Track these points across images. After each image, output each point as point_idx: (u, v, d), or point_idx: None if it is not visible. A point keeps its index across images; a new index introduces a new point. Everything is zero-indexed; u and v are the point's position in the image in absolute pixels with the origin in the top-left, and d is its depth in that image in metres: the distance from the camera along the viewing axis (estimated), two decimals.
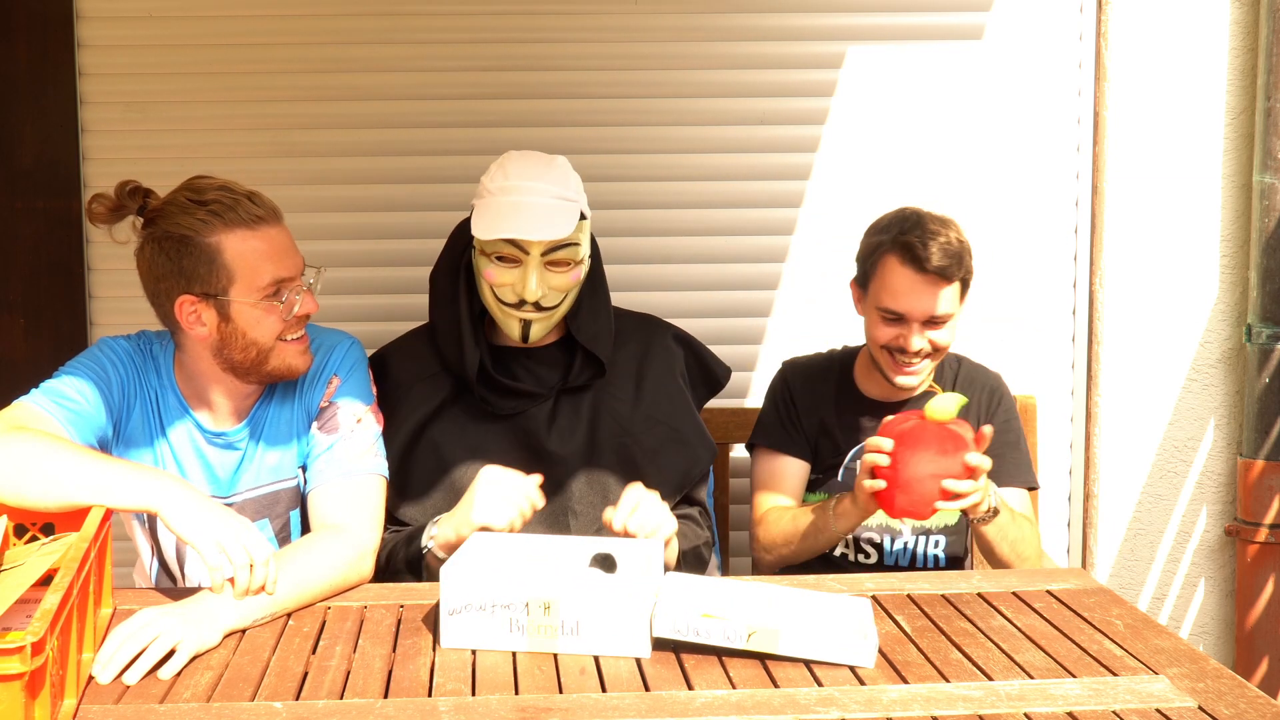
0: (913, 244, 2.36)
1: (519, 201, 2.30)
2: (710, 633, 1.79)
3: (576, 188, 2.37)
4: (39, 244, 3.07)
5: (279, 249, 2.15)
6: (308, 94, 3.09)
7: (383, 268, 3.14)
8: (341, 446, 2.21)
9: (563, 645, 1.82)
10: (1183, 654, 1.83)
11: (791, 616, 1.85)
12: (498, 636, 1.82)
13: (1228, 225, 3.23)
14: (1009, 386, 2.60)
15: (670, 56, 3.15)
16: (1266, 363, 3.14)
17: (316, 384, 2.26)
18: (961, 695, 1.69)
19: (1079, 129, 3.22)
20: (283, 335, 2.17)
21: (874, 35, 3.18)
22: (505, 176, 2.34)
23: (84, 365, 2.18)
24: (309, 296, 2.19)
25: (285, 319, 2.16)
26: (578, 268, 2.35)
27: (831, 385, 2.57)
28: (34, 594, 1.73)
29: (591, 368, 2.42)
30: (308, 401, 2.26)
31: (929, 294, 2.36)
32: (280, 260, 2.15)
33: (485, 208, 2.33)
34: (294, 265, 2.17)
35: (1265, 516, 3.16)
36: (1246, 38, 3.17)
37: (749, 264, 3.21)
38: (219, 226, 2.10)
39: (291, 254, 2.17)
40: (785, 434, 2.55)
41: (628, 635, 1.81)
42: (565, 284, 2.33)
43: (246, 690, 1.71)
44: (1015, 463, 2.50)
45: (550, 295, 2.33)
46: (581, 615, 1.81)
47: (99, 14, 3.05)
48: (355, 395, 2.26)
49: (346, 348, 2.31)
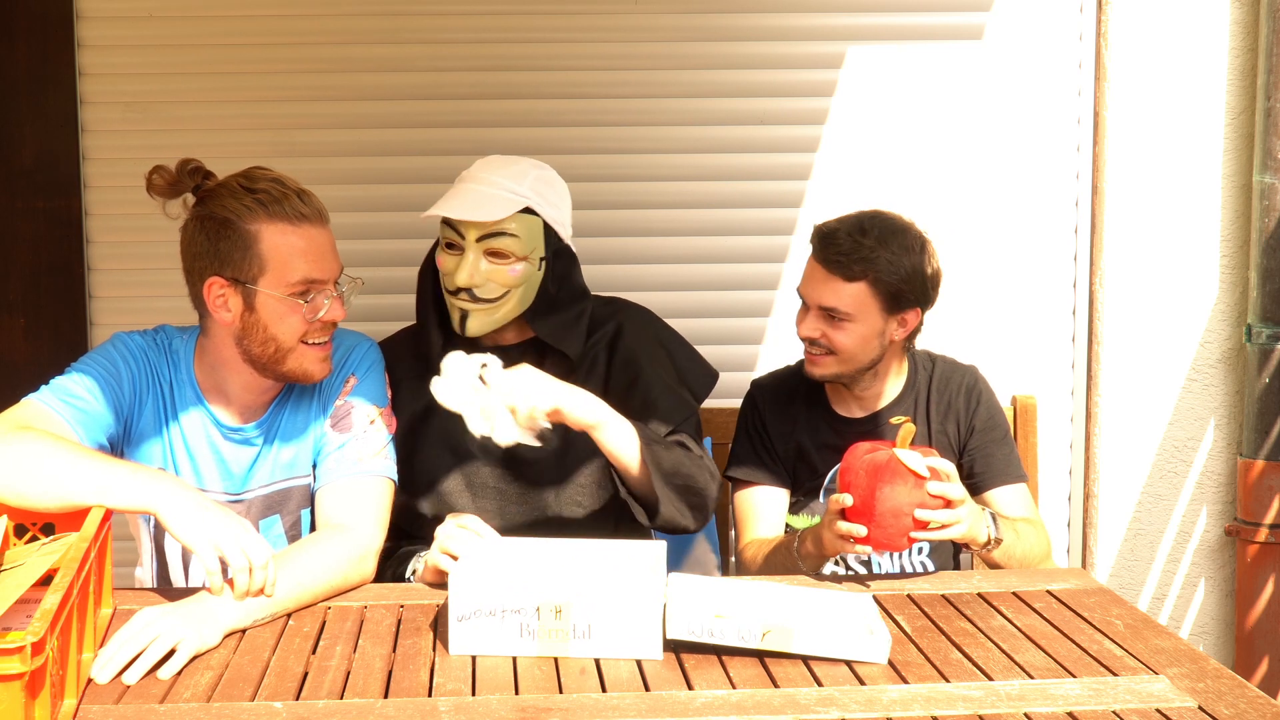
0: (819, 231, 2.37)
1: (467, 189, 2.31)
2: (724, 633, 1.79)
3: (535, 187, 2.33)
4: (39, 244, 3.07)
5: (316, 249, 2.15)
6: (308, 94, 3.09)
7: (383, 268, 3.13)
8: (353, 446, 2.21)
9: (574, 649, 1.81)
10: (1183, 654, 1.83)
11: (804, 615, 1.85)
12: (508, 642, 1.81)
13: (1228, 225, 3.23)
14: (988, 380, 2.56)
15: (670, 56, 3.15)
16: (1266, 363, 3.14)
17: (335, 382, 2.27)
18: (961, 695, 1.69)
19: (1079, 129, 3.22)
20: (305, 338, 2.16)
21: (874, 35, 3.18)
22: (470, 170, 2.36)
23: (95, 362, 2.18)
24: (337, 303, 2.18)
25: (309, 320, 2.15)
26: (518, 263, 2.29)
27: (801, 404, 2.52)
28: (34, 594, 1.73)
29: (560, 367, 2.35)
30: (325, 400, 2.26)
31: (820, 284, 2.35)
32: (315, 261, 2.15)
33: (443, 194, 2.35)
34: (328, 269, 2.17)
35: (1265, 516, 3.16)
36: (1246, 38, 3.17)
37: (749, 264, 3.21)
38: (261, 215, 2.11)
39: (328, 257, 2.17)
40: (760, 463, 2.51)
41: (640, 637, 1.80)
42: (504, 278, 2.28)
43: (246, 690, 1.71)
44: (1005, 459, 2.47)
45: (488, 287, 2.28)
46: (593, 619, 1.80)
47: (99, 14, 3.06)
48: (371, 397, 2.27)
49: (366, 348, 2.32)
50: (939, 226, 3.15)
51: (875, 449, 2.13)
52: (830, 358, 2.39)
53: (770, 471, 2.51)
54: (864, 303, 2.34)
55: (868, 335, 2.37)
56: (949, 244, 3.18)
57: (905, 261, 2.35)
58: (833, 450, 2.45)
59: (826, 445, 2.48)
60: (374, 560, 2.14)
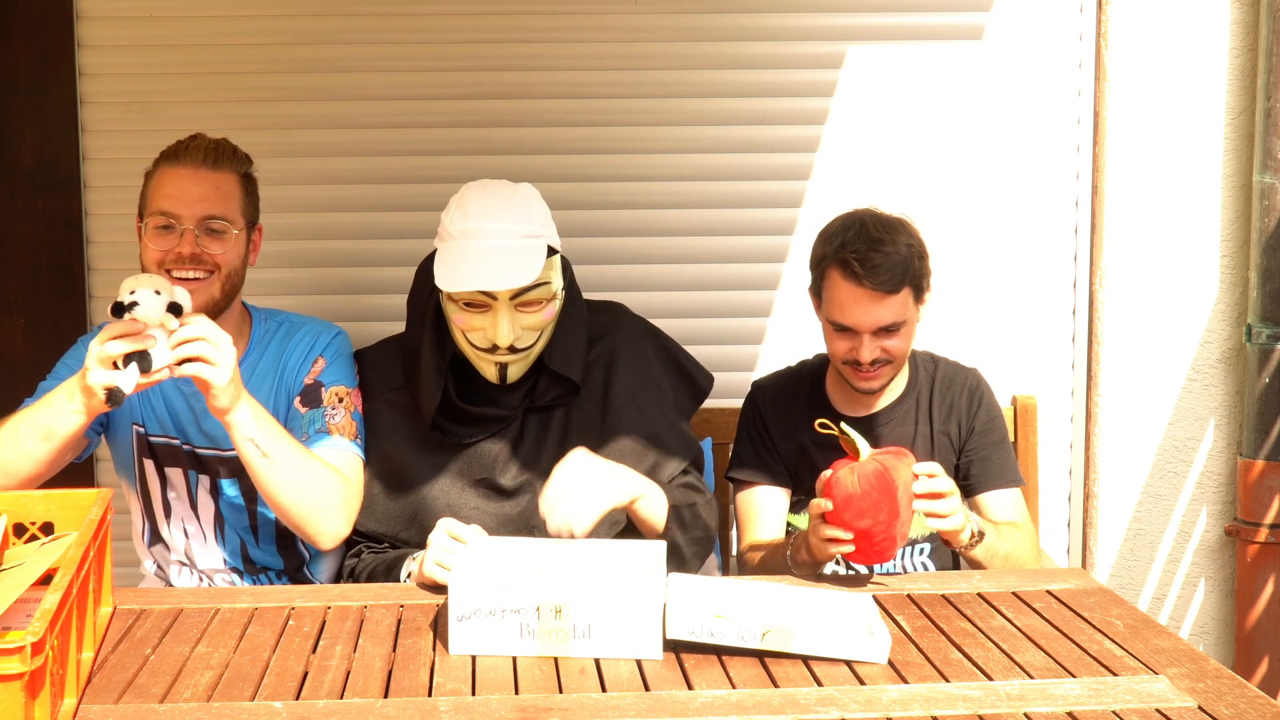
0: (850, 260, 2.32)
1: (481, 246, 2.18)
2: (724, 633, 1.79)
3: (541, 220, 2.26)
4: (39, 244, 3.07)
5: (178, 186, 2.27)
6: (308, 94, 3.09)
7: (383, 268, 3.14)
8: (325, 420, 2.30)
9: (574, 649, 1.81)
10: (1183, 654, 1.83)
11: (804, 615, 1.85)
12: (508, 642, 1.81)
13: (1228, 225, 3.23)
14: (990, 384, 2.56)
15: (670, 56, 3.15)
16: (1266, 363, 3.14)
17: (303, 364, 2.35)
18: (961, 695, 1.69)
19: (1079, 129, 3.22)
20: (164, 266, 2.24)
21: (874, 35, 3.18)
22: (465, 217, 2.21)
23: (69, 361, 2.32)
24: (189, 238, 2.25)
25: (158, 249, 2.25)
26: (551, 304, 2.25)
27: (803, 405, 2.53)
28: (34, 594, 1.73)
29: (560, 386, 2.33)
30: (290, 379, 2.35)
31: (874, 307, 2.33)
32: (172, 196, 2.26)
33: (446, 253, 2.21)
34: (183, 205, 2.26)
35: (1265, 516, 3.16)
36: (1246, 38, 3.17)
37: (749, 264, 3.20)
38: (161, 162, 2.31)
39: (188, 195, 2.26)
40: (761, 463, 2.52)
41: (640, 637, 1.80)
42: (539, 323, 2.24)
43: (246, 690, 1.71)
44: (1002, 463, 2.48)
45: (525, 336, 2.23)
46: (593, 618, 1.80)
47: (99, 14, 3.06)
48: (340, 378, 2.35)
49: (334, 334, 2.41)
50: (939, 226, 3.17)
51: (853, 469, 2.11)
52: (888, 367, 2.41)
53: (771, 472, 2.51)
54: (907, 304, 2.38)
55: (913, 332, 2.42)
56: (949, 244, 3.19)
57: (914, 250, 2.38)
58: (835, 449, 2.44)
59: (828, 444, 2.47)
60: (347, 528, 2.24)
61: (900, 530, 2.09)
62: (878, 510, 2.06)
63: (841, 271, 2.35)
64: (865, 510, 2.07)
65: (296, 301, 2.96)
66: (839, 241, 2.37)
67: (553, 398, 2.33)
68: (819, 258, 2.42)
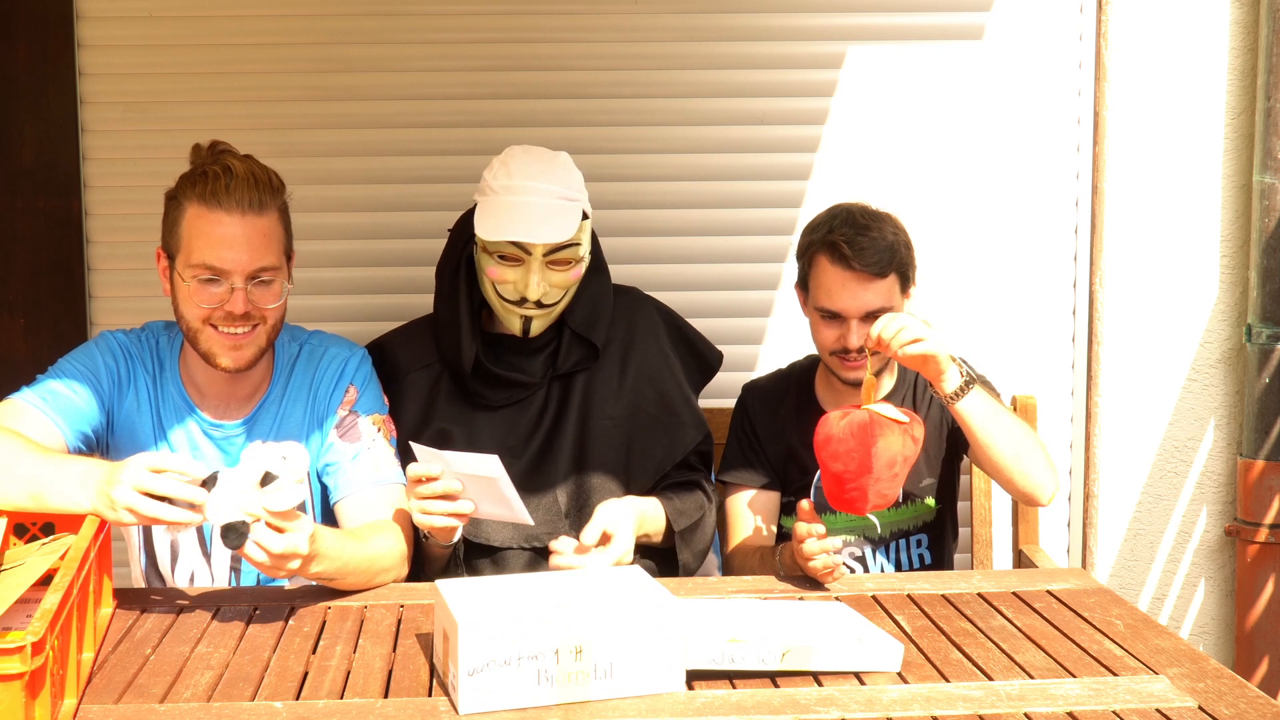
0: (838, 242, 2.37)
1: (522, 202, 2.32)
2: (744, 658, 1.75)
3: (578, 186, 2.40)
4: (39, 244, 3.07)
5: (222, 239, 2.12)
6: (308, 94, 3.09)
7: (382, 268, 3.14)
8: (367, 456, 2.25)
9: (595, 691, 1.69)
10: (1183, 654, 1.83)
11: (820, 631, 1.83)
12: (524, 692, 1.68)
13: (1228, 225, 3.23)
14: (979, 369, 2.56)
15: (670, 56, 3.15)
16: (1266, 363, 3.14)
17: (334, 391, 2.29)
18: (961, 695, 1.69)
19: (1079, 129, 3.22)
20: (211, 322, 2.15)
21: (874, 35, 3.18)
22: (509, 175, 2.35)
23: (75, 359, 2.23)
24: (239, 296, 2.13)
25: (203, 306, 2.14)
26: (578, 265, 2.38)
27: (790, 406, 2.55)
28: (34, 594, 1.73)
29: (580, 350, 2.45)
30: (321, 408, 2.28)
31: (861, 290, 2.37)
32: (215, 249, 2.12)
33: (488, 206, 2.34)
34: (231, 261, 2.12)
35: (1265, 516, 3.16)
36: (1246, 38, 3.17)
37: (749, 264, 3.20)
38: (191, 193, 2.14)
39: (235, 249, 2.12)
40: (750, 466, 2.54)
41: (664, 670, 1.72)
42: (565, 281, 2.37)
43: (246, 690, 1.71)
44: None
45: (551, 293, 2.36)
46: (615, 656, 1.70)
47: (99, 14, 3.05)
48: (373, 407, 2.31)
49: (360, 359, 2.34)
50: (939, 226, 3.17)
51: (847, 413, 2.16)
52: (876, 355, 2.41)
53: (760, 474, 2.53)
54: (894, 292, 2.41)
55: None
56: (949, 244, 3.19)
57: (900, 239, 2.42)
58: None
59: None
60: (407, 565, 2.20)
61: (874, 488, 2.12)
62: (849, 458, 2.12)
63: (829, 255, 2.39)
64: (839, 454, 2.13)
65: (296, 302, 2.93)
66: (826, 229, 2.41)
67: (574, 362, 2.44)
68: (805, 246, 2.46)
